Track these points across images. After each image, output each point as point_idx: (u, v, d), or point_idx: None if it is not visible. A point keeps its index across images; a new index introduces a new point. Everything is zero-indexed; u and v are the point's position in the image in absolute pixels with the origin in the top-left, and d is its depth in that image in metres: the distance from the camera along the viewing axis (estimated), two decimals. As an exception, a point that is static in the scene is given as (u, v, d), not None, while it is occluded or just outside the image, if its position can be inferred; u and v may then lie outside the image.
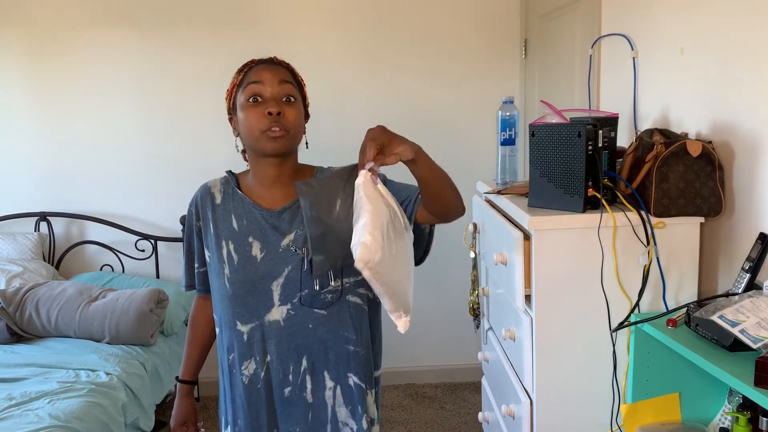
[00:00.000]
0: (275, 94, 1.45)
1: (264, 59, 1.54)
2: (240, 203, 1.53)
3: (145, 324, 2.83)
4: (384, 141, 1.25)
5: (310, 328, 1.50)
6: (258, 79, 1.46)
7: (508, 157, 2.12)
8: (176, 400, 1.69)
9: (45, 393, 2.33)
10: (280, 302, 1.48)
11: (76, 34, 3.36)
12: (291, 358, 1.50)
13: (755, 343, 1.23)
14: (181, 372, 1.70)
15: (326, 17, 3.40)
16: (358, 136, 1.71)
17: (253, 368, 1.52)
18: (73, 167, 3.45)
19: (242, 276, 1.48)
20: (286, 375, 1.51)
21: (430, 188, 1.37)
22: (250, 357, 1.51)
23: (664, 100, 1.98)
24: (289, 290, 1.48)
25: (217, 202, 1.54)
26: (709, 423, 1.62)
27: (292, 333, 1.49)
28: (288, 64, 1.55)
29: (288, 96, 1.47)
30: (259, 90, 1.45)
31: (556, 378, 1.74)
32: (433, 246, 1.59)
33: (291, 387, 1.51)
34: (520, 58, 3.41)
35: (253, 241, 1.49)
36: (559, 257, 1.68)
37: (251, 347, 1.51)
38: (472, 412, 3.27)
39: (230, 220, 1.52)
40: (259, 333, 1.50)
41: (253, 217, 1.51)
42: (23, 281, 3.10)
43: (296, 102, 1.49)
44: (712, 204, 1.66)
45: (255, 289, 1.48)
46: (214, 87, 3.38)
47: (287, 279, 1.47)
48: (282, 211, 1.51)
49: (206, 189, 1.57)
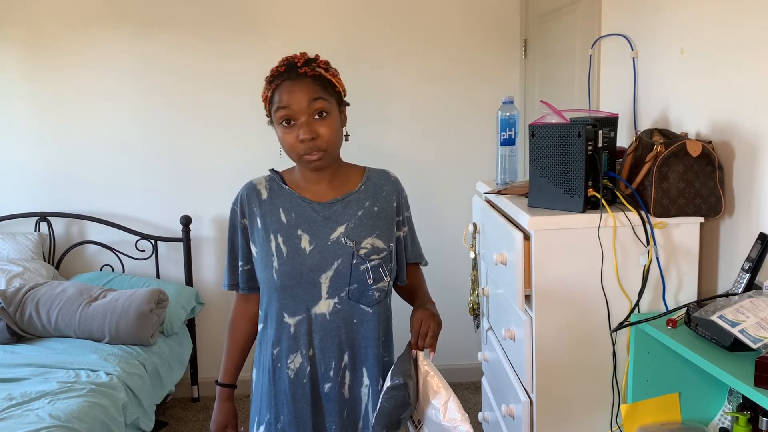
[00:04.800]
0: (306, 116, 1.43)
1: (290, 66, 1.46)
2: (288, 197, 1.54)
3: (145, 324, 2.83)
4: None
5: (354, 323, 1.52)
6: (286, 103, 1.44)
7: (508, 157, 2.12)
8: (216, 404, 1.65)
9: (45, 393, 2.33)
10: (327, 295, 1.50)
11: (76, 34, 3.36)
12: (334, 354, 1.52)
13: (755, 343, 1.23)
14: (221, 375, 1.65)
15: (325, 18, 3.40)
16: (358, 136, 1.71)
17: (299, 362, 1.53)
18: (73, 167, 3.45)
19: (291, 268, 1.49)
20: (327, 371, 1.53)
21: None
22: (296, 350, 1.52)
23: (664, 100, 1.98)
24: (338, 284, 1.50)
25: (263, 198, 1.55)
26: (709, 423, 1.61)
27: (338, 327, 1.51)
28: (314, 68, 1.47)
29: (320, 111, 1.45)
30: (289, 114, 1.44)
31: (556, 378, 1.74)
32: (433, 246, 1.62)
33: (331, 383, 1.53)
34: (520, 58, 3.41)
35: (302, 234, 1.51)
36: (559, 257, 1.68)
37: (297, 340, 1.52)
38: (472, 412, 3.25)
39: (278, 214, 1.53)
40: (305, 326, 1.51)
41: (303, 210, 1.53)
42: (23, 281, 3.10)
43: (329, 114, 1.46)
44: (711, 204, 1.66)
45: (303, 281, 1.50)
46: (215, 87, 3.40)
47: (336, 272, 1.50)
48: (333, 202, 1.53)
49: (252, 186, 1.58)
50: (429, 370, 1.49)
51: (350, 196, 1.55)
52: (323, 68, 1.49)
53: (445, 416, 1.41)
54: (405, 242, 1.64)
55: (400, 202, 1.62)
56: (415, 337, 1.49)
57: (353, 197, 1.55)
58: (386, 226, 1.56)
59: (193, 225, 3.44)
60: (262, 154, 2.48)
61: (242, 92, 3.35)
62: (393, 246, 1.57)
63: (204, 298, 3.50)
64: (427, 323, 1.49)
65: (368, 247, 1.51)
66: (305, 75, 1.45)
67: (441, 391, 1.44)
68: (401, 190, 1.64)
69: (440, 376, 1.48)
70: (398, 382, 1.42)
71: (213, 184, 3.48)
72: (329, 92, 1.48)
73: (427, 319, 1.49)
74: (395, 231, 1.60)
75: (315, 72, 1.46)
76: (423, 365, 1.49)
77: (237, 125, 3.41)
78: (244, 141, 3.41)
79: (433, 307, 1.57)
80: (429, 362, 1.50)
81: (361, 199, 1.56)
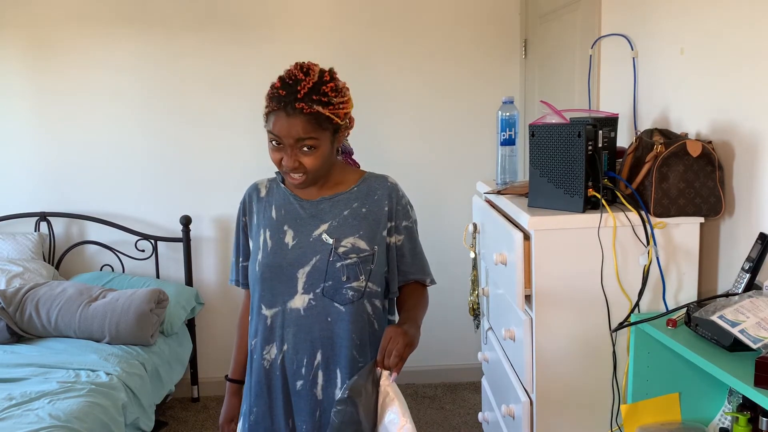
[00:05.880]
0: (293, 148, 1.45)
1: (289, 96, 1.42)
2: (282, 195, 1.60)
3: (145, 324, 2.83)
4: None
5: (329, 321, 1.52)
6: (277, 133, 1.44)
7: (508, 157, 2.12)
8: (225, 398, 1.71)
9: (45, 393, 2.33)
10: (303, 290, 1.52)
11: (76, 34, 3.36)
12: (306, 351, 1.52)
13: (755, 343, 1.23)
14: (230, 370, 1.71)
15: (326, 18, 3.40)
16: (358, 135, 1.71)
17: (274, 353, 1.55)
18: (73, 167, 3.45)
19: (271, 260, 1.53)
20: (299, 367, 1.53)
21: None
22: (271, 342, 1.55)
23: (664, 100, 1.98)
24: (314, 279, 1.51)
25: (261, 196, 1.62)
26: (709, 423, 1.61)
27: (311, 324, 1.52)
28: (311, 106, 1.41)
29: (308, 146, 1.44)
30: (277, 140, 1.46)
31: (556, 378, 1.74)
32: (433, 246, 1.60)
33: (303, 381, 1.53)
34: (520, 59, 3.41)
35: (288, 230, 1.55)
36: (559, 257, 1.68)
37: (272, 332, 1.54)
38: (472, 412, 3.26)
39: (270, 210, 1.59)
40: (280, 319, 1.53)
41: (291, 207, 1.57)
42: (23, 281, 3.10)
43: (317, 148, 1.45)
44: (711, 204, 1.66)
45: (282, 275, 1.52)
46: (216, 87, 3.40)
47: (313, 268, 1.51)
48: (321, 201, 1.56)
49: (254, 186, 1.66)
50: (389, 392, 1.40)
51: (339, 196, 1.56)
52: (324, 101, 1.43)
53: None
54: (402, 252, 1.59)
55: (395, 208, 1.57)
56: (381, 354, 1.42)
57: (342, 197, 1.56)
58: (372, 228, 1.54)
59: (193, 225, 3.44)
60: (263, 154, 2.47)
61: (243, 93, 3.36)
62: (378, 249, 1.54)
63: (204, 298, 3.50)
64: (395, 341, 1.41)
65: (348, 246, 1.51)
66: (300, 112, 1.41)
67: (399, 416, 1.36)
68: (400, 197, 1.59)
69: (401, 399, 1.39)
70: (344, 397, 1.38)
71: (213, 184, 3.48)
72: (324, 127, 1.44)
73: (396, 336, 1.41)
74: (384, 236, 1.56)
75: (312, 110, 1.41)
76: (384, 385, 1.41)
77: (237, 125, 3.41)
78: (244, 141, 3.41)
79: (411, 327, 1.48)
80: (392, 383, 1.41)
81: (349, 200, 1.55)
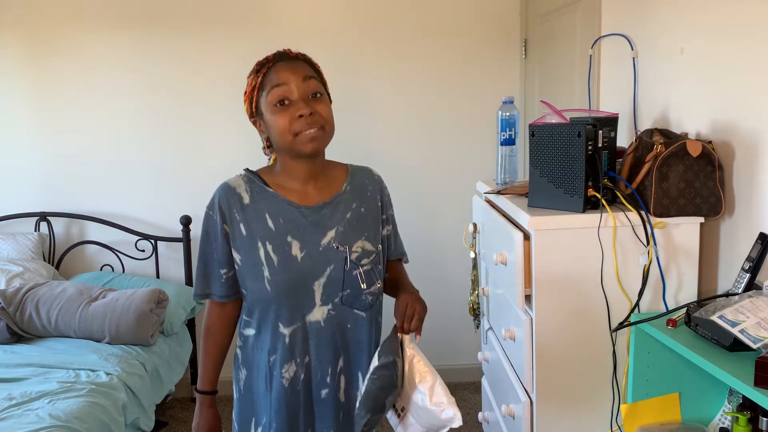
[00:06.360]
0: (302, 94, 1.43)
1: (281, 54, 1.49)
2: (272, 201, 1.48)
3: (145, 324, 2.83)
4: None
5: (349, 328, 1.51)
6: (281, 81, 1.43)
7: (508, 157, 2.12)
8: (199, 411, 1.58)
9: (45, 393, 2.33)
10: (321, 302, 1.48)
11: (76, 34, 3.36)
12: (329, 360, 1.51)
13: (755, 343, 1.23)
14: (202, 383, 1.58)
15: (327, 18, 3.40)
16: (357, 135, 1.70)
17: (294, 371, 1.50)
18: (73, 167, 3.45)
19: (283, 277, 1.45)
20: (324, 377, 1.51)
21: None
22: (291, 360, 1.50)
23: (664, 100, 1.98)
24: (331, 290, 1.48)
25: (245, 203, 1.48)
26: (709, 423, 1.61)
27: (332, 333, 1.50)
28: (304, 55, 1.51)
29: (315, 92, 1.45)
30: (285, 93, 1.43)
31: (556, 378, 1.74)
32: (432, 246, 1.61)
33: (328, 389, 1.52)
34: (520, 58, 3.41)
35: (292, 241, 1.46)
36: (559, 257, 1.68)
37: (293, 349, 1.49)
38: (472, 412, 3.26)
39: (264, 220, 1.47)
40: (300, 334, 1.49)
41: (291, 215, 1.47)
42: (23, 281, 3.10)
43: (323, 96, 1.48)
44: (711, 204, 1.66)
45: (297, 289, 1.47)
46: (215, 86, 3.39)
47: (329, 279, 1.47)
48: (321, 206, 1.50)
49: (229, 190, 1.50)
50: (415, 354, 1.45)
51: (337, 198, 1.52)
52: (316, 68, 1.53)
53: (432, 400, 1.39)
54: (389, 240, 1.63)
55: (384, 201, 1.61)
56: (400, 320, 1.47)
57: (341, 199, 1.52)
58: (373, 226, 1.55)
59: (193, 225, 3.43)
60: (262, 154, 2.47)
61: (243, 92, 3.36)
62: (380, 247, 1.56)
63: (204, 298, 3.50)
64: (413, 306, 1.47)
65: (359, 250, 1.50)
66: (297, 58, 1.48)
67: (427, 375, 1.41)
68: (384, 188, 1.63)
69: (426, 360, 1.45)
70: (387, 361, 1.39)
71: (213, 184, 3.40)
72: (322, 81, 1.51)
73: (413, 302, 1.48)
74: (381, 231, 1.58)
75: (306, 58, 1.51)
76: (409, 349, 1.46)
77: (237, 125, 3.41)
78: (244, 141, 3.41)
79: (417, 293, 1.54)
80: (415, 346, 1.47)
81: (348, 201, 1.53)
